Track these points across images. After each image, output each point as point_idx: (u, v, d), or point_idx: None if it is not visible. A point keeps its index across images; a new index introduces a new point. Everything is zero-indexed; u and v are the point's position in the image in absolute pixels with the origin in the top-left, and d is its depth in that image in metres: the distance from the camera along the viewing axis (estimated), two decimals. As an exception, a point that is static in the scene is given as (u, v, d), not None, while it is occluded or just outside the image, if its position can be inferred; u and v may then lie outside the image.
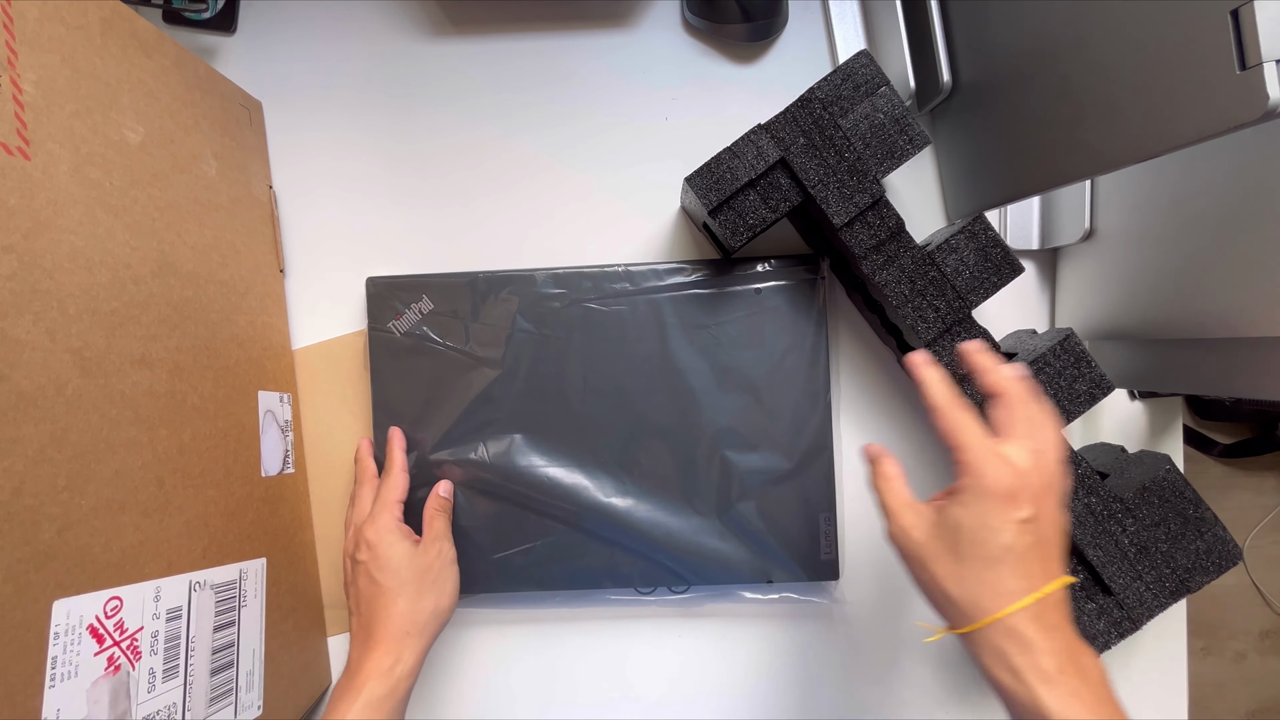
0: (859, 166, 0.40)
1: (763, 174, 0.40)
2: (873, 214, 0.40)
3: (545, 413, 0.47)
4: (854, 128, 0.40)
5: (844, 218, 0.40)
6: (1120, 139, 0.33)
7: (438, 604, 0.42)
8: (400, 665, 0.39)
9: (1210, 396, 0.43)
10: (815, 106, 0.40)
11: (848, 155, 0.40)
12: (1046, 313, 0.52)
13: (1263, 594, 1.25)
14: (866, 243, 0.41)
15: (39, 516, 0.29)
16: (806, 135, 0.40)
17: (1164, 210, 0.42)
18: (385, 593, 0.40)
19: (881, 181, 0.40)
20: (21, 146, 0.29)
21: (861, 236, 0.41)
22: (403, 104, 0.51)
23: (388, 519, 0.42)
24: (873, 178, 0.40)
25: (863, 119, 0.40)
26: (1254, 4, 0.25)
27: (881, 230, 0.41)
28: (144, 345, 0.35)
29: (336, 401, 0.50)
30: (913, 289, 0.40)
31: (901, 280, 0.40)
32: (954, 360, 0.40)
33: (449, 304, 0.47)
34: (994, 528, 0.30)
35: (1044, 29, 0.37)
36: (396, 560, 0.41)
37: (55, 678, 0.29)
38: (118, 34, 0.36)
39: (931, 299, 0.40)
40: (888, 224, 0.41)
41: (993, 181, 0.45)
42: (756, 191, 0.41)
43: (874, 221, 0.41)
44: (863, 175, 0.40)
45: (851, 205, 0.40)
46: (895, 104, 0.40)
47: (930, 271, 0.40)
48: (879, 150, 0.40)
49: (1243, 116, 0.26)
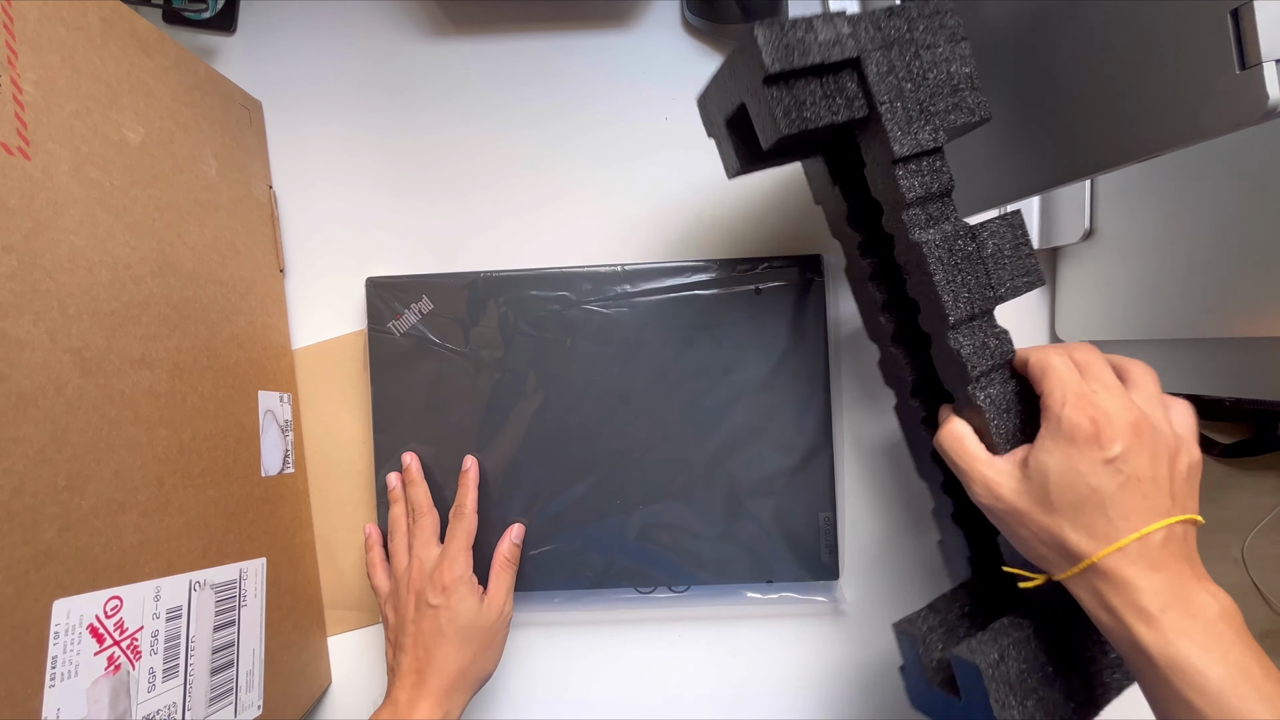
0: (929, 107, 0.35)
1: (835, 64, 0.34)
2: (930, 161, 0.36)
3: (545, 413, 0.47)
4: (933, 65, 0.35)
5: (905, 149, 0.35)
6: (1120, 139, 0.33)
7: (486, 668, 0.42)
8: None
9: (1210, 396, 0.44)
10: (906, 21, 0.35)
11: (923, 89, 0.35)
12: (1046, 313, 0.52)
13: (1263, 594, 1.25)
14: (917, 190, 0.36)
15: (39, 516, 0.29)
16: (887, 48, 0.35)
17: (1164, 210, 0.42)
18: (448, 644, 0.40)
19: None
20: (21, 146, 0.29)
21: (914, 181, 0.36)
22: (403, 104, 0.51)
23: (464, 567, 0.42)
24: (940, 123, 0.36)
25: (942, 61, 0.36)
26: (1254, 4, 0.25)
27: (934, 183, 0.36)
28: (144, 345, 0.35)
29: (336, 401, 0.50)
30: (950, 258, 0.36)
31: (942, 245, 0.36)
32: (974, 350, 0.36)
33: (449, 305, 0.47)
34: (1080, 470, 0.30)
35: (1043, 29, 0.37)
36: (467, 614, 0.41)
37: (55, 677, 0.29)
38: (118, 34, 0.36)
39: (965, 276, 0.36)
40: (941, 179, 0.36)
41: (992, 181, 0.45)
42: (821, 83, 0.35)
43: (929, 170, 0.36)
44: (931, 116, 0.36)
45: (915, 139, 0.35)
46: (971, 65, 0.36)
47: (970, 246, 0.36)
48: (950, 101, 0.36)
49: (1243, 116, 0.26)
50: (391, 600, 0.43)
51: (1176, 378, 0.44)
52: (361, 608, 0.51)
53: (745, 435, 0.47)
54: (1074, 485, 0.30)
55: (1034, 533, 0.31)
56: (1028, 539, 0.32)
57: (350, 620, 0.51)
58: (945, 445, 0.35)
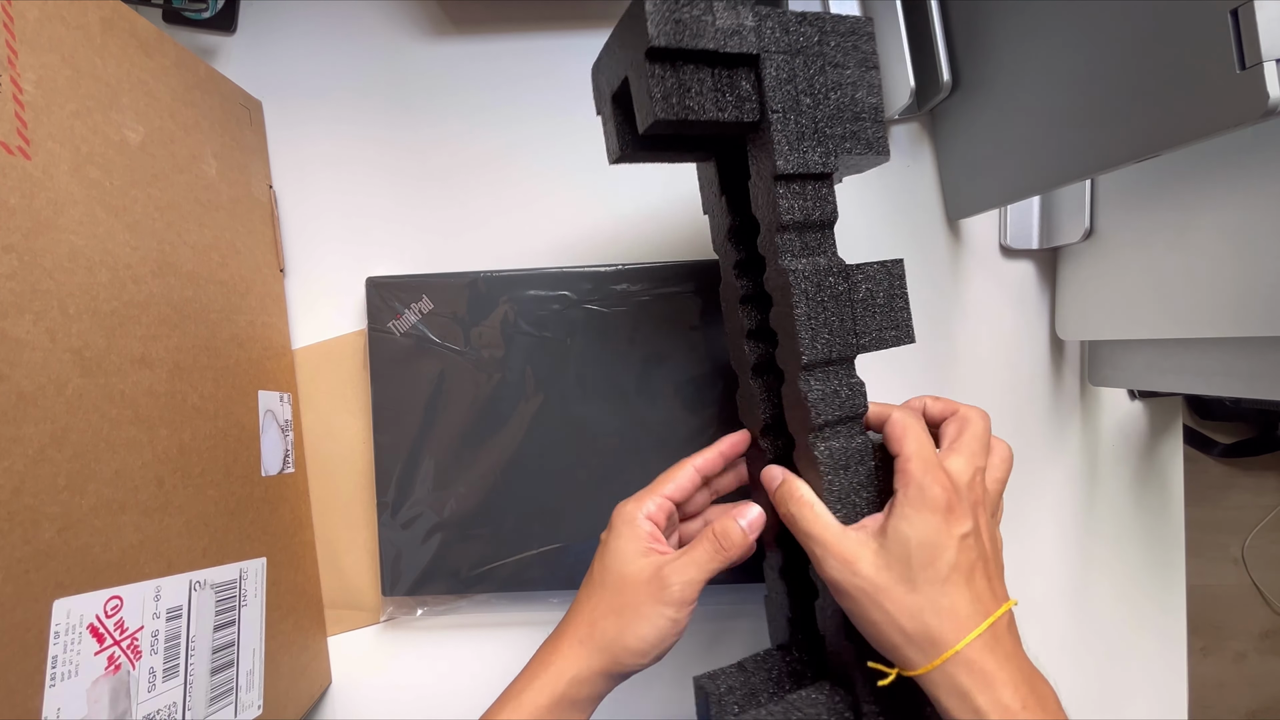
0: (825, 129, 0.33)
1: (731, 57, 0.31)
2: (815, 186, 0.33)
3: (545, 413, 0.47)
4: (838, 87, 0.33)
5: (790, 166, 0.32)
6: (1120, 139, 0.33)
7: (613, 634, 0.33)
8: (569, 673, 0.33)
9: (1210, 396, 0.43)
10: (818, 31, 0.33)
11: (823, 108, 0.33)
12: (1047, 313, 0.52)
13: (1263, 594, 1.25)
14: (795, 213, 0.33)
15: (39, 516, 0.29)
16: (791, 54, 0.32)
17: (1164, 210, 0.42)
18: (588, 583, 0.35)
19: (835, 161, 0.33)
20: (22, 146, 0.29)
21: (794, 203, 0.33)
22: (403, 104, 0.51)
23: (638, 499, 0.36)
24: (833, 148, 0.33)
25: (849, 85, 0.33)
26: (1254, 4, 0.25)
27: (815, 210, 0.33)
28: (144, 345, 0.35)
29: (336, 401, 0.50)
30: (817, 293, 0.32)
31: (810, 277, 0.32)
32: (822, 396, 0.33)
33: (449, 304, 0.47)
34: (940, 544, 0.28)
35: (1044, 29, 0.37)
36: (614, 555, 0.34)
37: (55, 677, 0.29)
38: (118, 34, 0.36)
39: (829, 316, 0.33)
40: (824, 209, 0.33)
41: (993, 181, 0.45)
42: (712, 74, 0.31)
43: (813, 195, 0.33)
44: (825, 139, 0.33)
45: (803, 158, 0.32)
46: (879, 98, 0.34)
47: (841, 285, 0.33)
48: (849, 128, 0.33)
49: (1243, 116, 0.26)
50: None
51: (1177, 378, 0.44)
52: (361, 608, 0.51)
53: (745, 435, 0.47)
54: (935, 561, 0.28)
55: (892, 615, 0.28)
56: (882, 623, 0.29)
57: (350, 620, 0.51)
58: (792, 511, 0.31)
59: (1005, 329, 0.52)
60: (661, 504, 0.35)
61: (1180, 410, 0.53)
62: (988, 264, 0.51)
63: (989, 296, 0.51)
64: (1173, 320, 0.41)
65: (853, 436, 0.33)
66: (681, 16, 0.29)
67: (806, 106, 0.33)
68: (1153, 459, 0.53)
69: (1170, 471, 0.53)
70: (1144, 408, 0.52)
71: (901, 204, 0.51)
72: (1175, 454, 0.53)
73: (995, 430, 0.52)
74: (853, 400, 0.33)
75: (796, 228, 0.33)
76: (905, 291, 0.34)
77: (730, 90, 0.32)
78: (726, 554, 0.33)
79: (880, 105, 0.35)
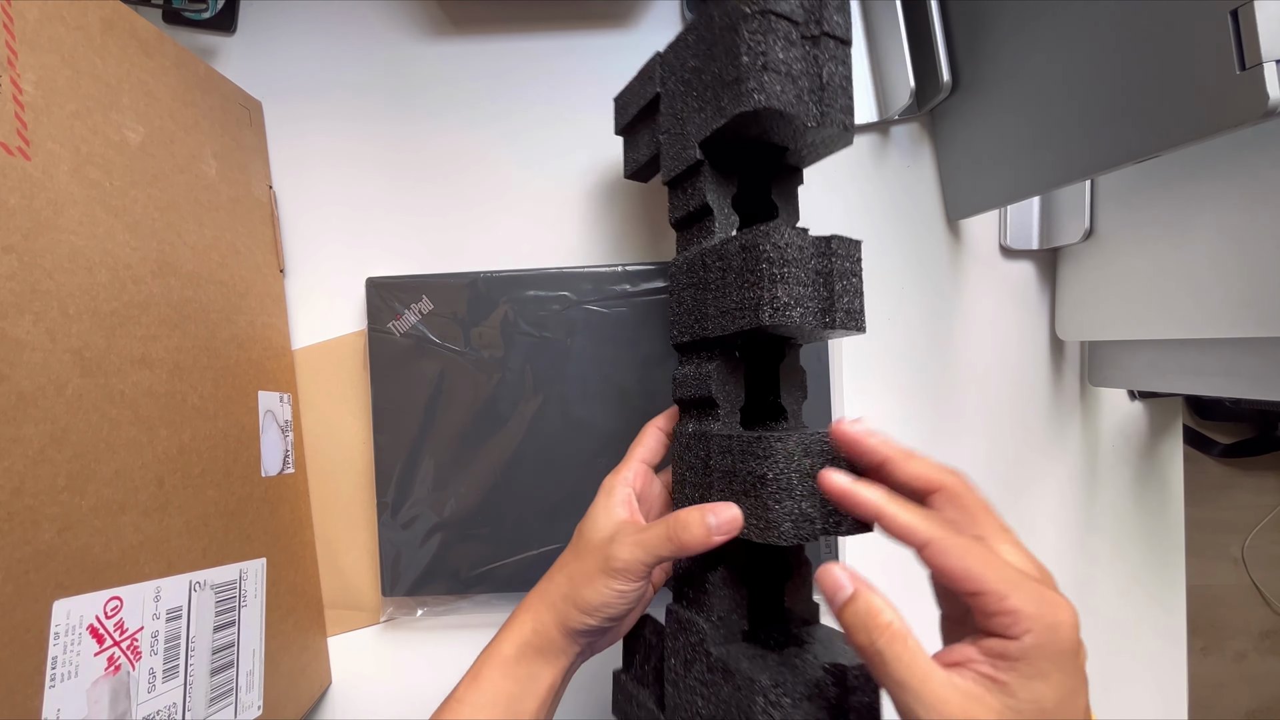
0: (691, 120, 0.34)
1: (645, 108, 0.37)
2: (688, 181, 0.34)
3: (545, 413, 0.47)
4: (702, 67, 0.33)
5: (666, 175, 0.35)
6: (1120, 139, 0.33)
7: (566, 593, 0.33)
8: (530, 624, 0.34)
9: (1210, 396, 0.43)
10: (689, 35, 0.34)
11: (692, 102, 0.34)
12: (1047, 313, 0.52)
13: (1263, 594, 1.25)
14: (678, 212, 0.35)
15: (39, 516, 0.29)
16: (680, 73, 0.34)
17: (1164, 210, 0.42)
18: (569, 546, 0.36)
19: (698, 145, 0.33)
20: (21, 146, 0.29)
21: (677, 204, 0.35)
22: (403, 104, 0.51)
23: (619, 472, 0.36)
24: (692, 135, 0.33)
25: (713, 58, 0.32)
26: (1254, 4, 0.25)
27: (688, 201, 0.34)
28: (144, 345, 0.35)
29: (336, 401, 0.50)
30: (683, 281, 0.34)
31: (680, 268, 0.34)
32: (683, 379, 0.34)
33: (449, 305, 0.47)
34: (1079, 690, 0.23)
35: (1044, 29, 0.37)
36: (590, 520, 0.35)
37: (55, 678, 0.29)
38: (118, 34, 0.36)
39: (686, 303, 0.33)
40: (693, 198, 0.34)
41: (993, 181, 0.45)
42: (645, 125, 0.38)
43: (686, 190, 0.34)
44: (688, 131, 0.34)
45: (673, 163, 0.34)
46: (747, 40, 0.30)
47: (700, 272, 0.33)
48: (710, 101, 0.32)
49: (1243, 116, 0.26)
50: None
51: (1177, 378, 0.44)
52: (361, 608, 0.51)
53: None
54: (1073, 713, 0.22)
55: None
56: None
57: (350, 620, 0.51)
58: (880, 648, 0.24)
59: (1005, 329, 0.51)
60: (637, 469, 0.36)
61: (1180, 410, 0.53)
62: (988, 264, 0.51)
63: (989, 296, 0.52)
64: (1173, 320, 0.41)
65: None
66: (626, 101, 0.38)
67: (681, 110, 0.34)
68: (1153, 459, 0.53)
69: (1170, 471, 0.53)
70: (1144, 408, 0.52)
71: (901, 204, 0.51)
72: (1175, 454, 0.53)
73: (994, 430, 0.52)
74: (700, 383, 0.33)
75: (681, 223, 0.36)
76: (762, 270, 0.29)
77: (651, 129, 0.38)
78: (677, 545, 0.30)
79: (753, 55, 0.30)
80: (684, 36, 0.34)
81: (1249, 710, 1.25)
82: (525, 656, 0.34)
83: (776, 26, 0.30)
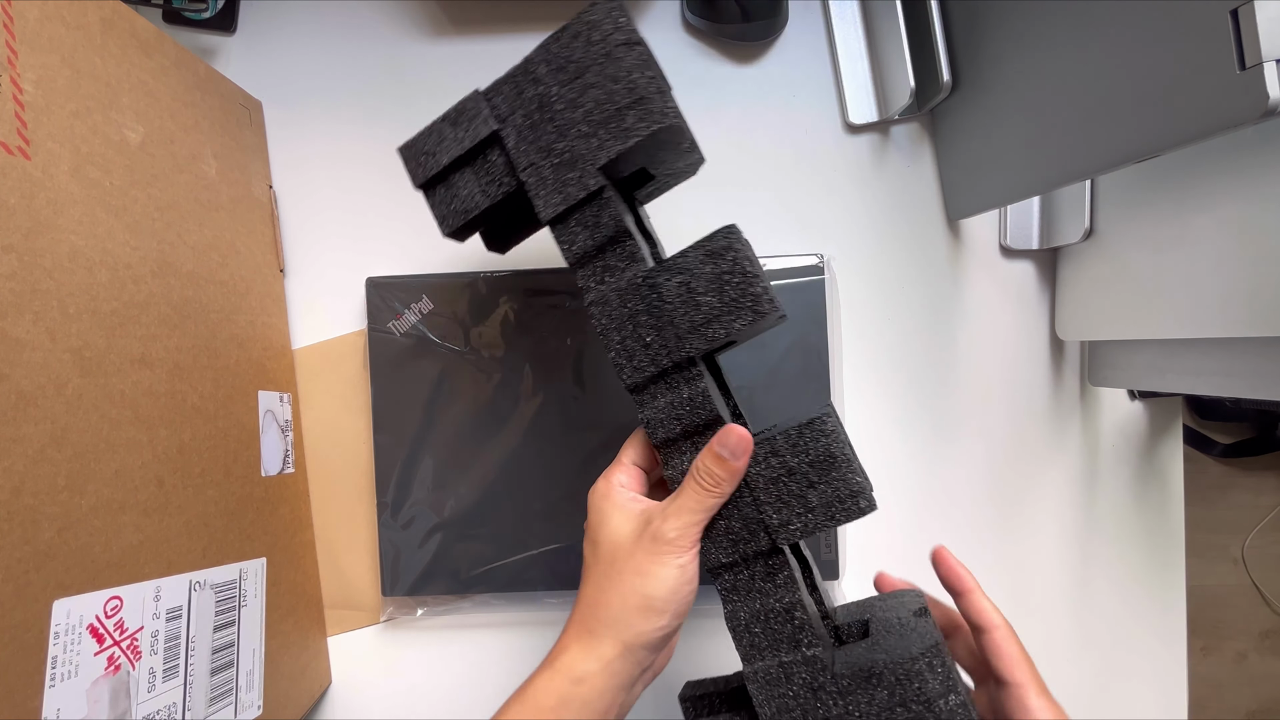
0: (577, 149, 0.32)
1: (473, 149, 0.33)
2: (589, 209, 0.32)
3: (544, 413, 0.47)
4: (577, 97, 0.31)
5: (551, 210, 0.32)
6: (1120, 139, 0.33)
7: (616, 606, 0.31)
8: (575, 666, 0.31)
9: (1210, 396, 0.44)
10: (538, 69, 0.32)
11: (569, 132, 0.32)
12: (1046, 313, 0.52)
13: (1263, 594, 1.25)
14: (581, 246, 0.32)
15: (39, 516, 0.29)
16: (527, 107, 0.32)
17: (1164, 210, 0.42)
18: (586, 568, 0.33)
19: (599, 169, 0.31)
20: (21, 146, 0.29)
21: (576, 238, 0.32)
22: (403, 104, 0.51)
23: (611, 472, 0.35)
24: (589, 161, 0.31)
25: (589, 85, 0.31)
26: (1254, 4, 0.25)
27: (594, 232, 0.32)
28: (144, 345, 0.35)
29: (336, 401, 0.50)
30: (621, 313, 0.31)
31: (610, 300, 0.31)
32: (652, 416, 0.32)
33: (449, 304, 0.47)
34: None
35: (1044, 28, 0.37)
36: (602, 525, 0.33)
37: (55, 677, 0.29)
38: (118, 34, 0.36)
39: (642, 330, 0.31)
40: (604, 226, 0.32)
41: (993, 181, 0.45)
42: (472, 170, 0.34)
43: (590, 220, 0.32)
44: (579, 159, 0.32)
45: (560, 196, 0.32)
46: (634, 65, 0.31)
47: (647, 295, 0.31)
48: (601, 126, 0.31)
49: (1243, 116, 0.26)
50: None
51: (1177, 378, 0.44)
52: (361, 608, 0.51)
53: (745, 435, 0.47)
54: None
55: None
56: None
57: (350, 620, 0.51)
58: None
59: (1005, 329, 0.51)
60: (630, 471, 0.34)
61: (1180, 410, 0.53)
62: (988, 264, 0.51)
63: (989, 296, 0.52)
64: (1173, 320, 0.41)
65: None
66: (427, 149, 0.34)
67: (552, 140, 0.32)
68: (1153, 459, 0.53)
69: (1170, 471, 0.53)
70: (1144, 408, 0.52)
71: (901, 204, 0.51)
72: (1175, 454, 0.53)
73: (994, 429, 0.52)
74: (695, 410, 0.31)
75: (587, 257, 0.33)
76: (741, 265, 0.30)
77: (488, 171, 0.33)
78: (716, 490, 0.30)
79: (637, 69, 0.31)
80: (521, 73, 0.33)
81: (1249, 710, 1.25)
82: (567, 707, 0.30)
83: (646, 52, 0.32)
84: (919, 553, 0.50)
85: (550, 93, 0.32)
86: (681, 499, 0.31)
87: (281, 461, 0.47)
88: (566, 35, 0.32)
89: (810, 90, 0.51)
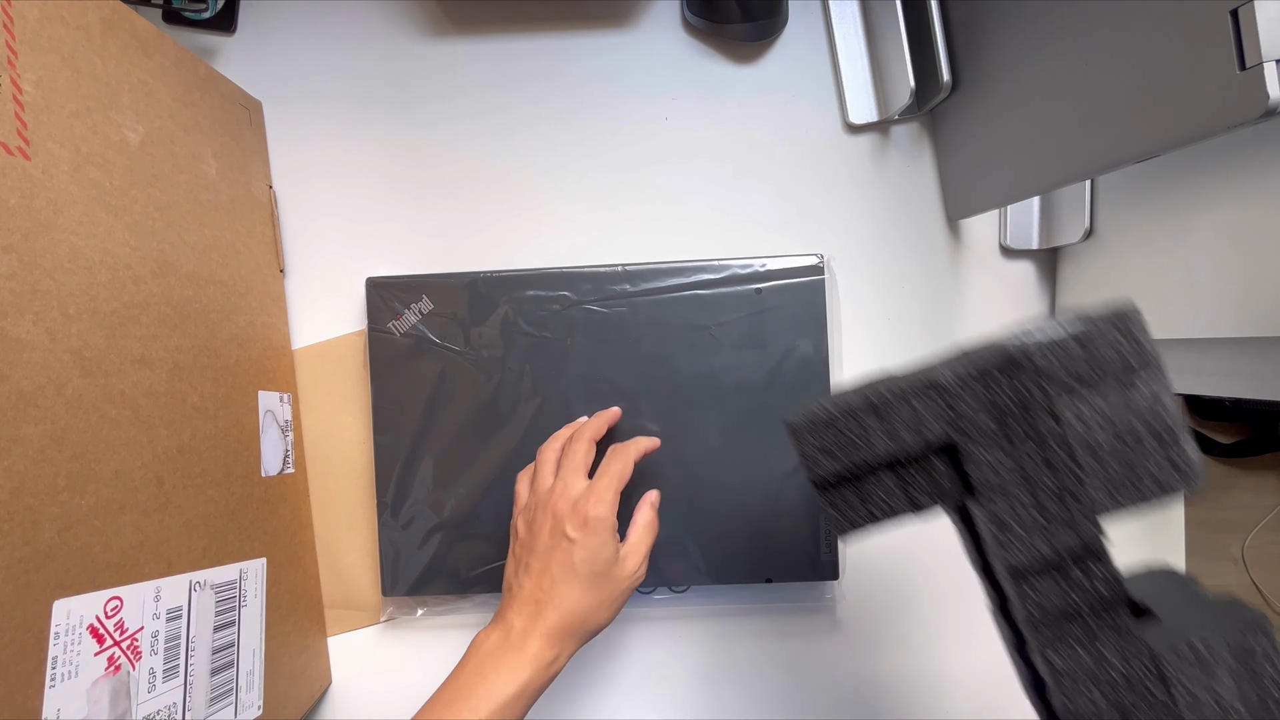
0: (1071, 489, 0.25)
1: (915, 456, 0.26)
2: (1077, 568, 0.26)
3: (545, 413, 0.47)
4: (1084, 426, 0.25)
5: (1023, 558, 0.26)
6: (1120, 139, 0.33)
7: (602, 620, 0.38)
8: (555, 665, 0.37)
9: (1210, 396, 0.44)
10: (1027, 378, 0.26)
11: (1061, 467, 0.25)
12: (1046, 313, 0.52)
13: (1263, 594, 1.25)
14: (1050, 604, 0.26)
15: (39, 516, 0.29)
16: (1001, 419, 0.26)
17: (1164, 210, 0.42)
18: (576, 584, 0.37)
19: (1100, 522, 0.25)
20: (21, 146, 0.29)
21: (1045, 595, 0.26)
22: (403, 104, 0.51)
23: (609, 508, 0.38)
24: (1089, 511, 0.25)
25: (1103, 417, 0.25)
26: (1254, 4, 0.25)
27: (1079, 596, 0.26)
28: (144, 345, 0.35)
29: (336, 401, 0.50)
30: (1113, 701, 0.25)
31: (1099, 679, 0.26)
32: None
33: (449, 305, 0.47)
34: None
35: (1044, 29, 0.37)
36: (603, 560, 0.37)
37: (55, 678, 0.29)
38: (118, 34, 0.36)
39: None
40: (1094, 590, 0.26)
41: (993, 181, 0.45)
42: (896, 474, 0.27)
43: (1074, 580, 0.26)
44: (1075, 502, 0.25)
45: (1042, 545, 0.26)
46: (1160, 399, 0.25)
47: (1156, 698, 0.25)
48: (1115, 471, 0.25)
49: (1243, 116, 0.26)
50: (525, 514, 0.40)
51: (1177, 378, 0.44)
52: (361, 607, 0.51)
53: (745, 434, 0.47)
54: None
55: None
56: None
57: (350, 620, 0.51)
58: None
59: (1005, 329, 0.51)
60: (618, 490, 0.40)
61: (1180, 410, 0.53)
62: (988, 264, 0.51)
63: (989, 296, 0.52)
64: (1173, 320, 0.41)
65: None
66: (847, 439, 0.26)
67: (1034, 470, 0.25)
68: (1153, 459, 0.53)
69: (1170, 471, 0.53)
70: (1144, 408, 0.52)
71: (901, 204, 0.51)
72: (1175, 454, 0.53)
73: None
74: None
75: (1057, 619, 0.26)
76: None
77: (922, 479, 0.27)
78: (655, 533, 0.41)
79: (1164, 407, 0.25)
80: (996, 372, 0.26)
81: (1249, 710, 1.25)
82: (534, 693, 0.37)
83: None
84: (922, 553, 0.50)
85: (1041, 406, 0.26)
86: (633, 536, 0.40)
87: (281, 461, 0.47)
88: (1071, 344, 0.26)
89: (810, 90, 0.51)
